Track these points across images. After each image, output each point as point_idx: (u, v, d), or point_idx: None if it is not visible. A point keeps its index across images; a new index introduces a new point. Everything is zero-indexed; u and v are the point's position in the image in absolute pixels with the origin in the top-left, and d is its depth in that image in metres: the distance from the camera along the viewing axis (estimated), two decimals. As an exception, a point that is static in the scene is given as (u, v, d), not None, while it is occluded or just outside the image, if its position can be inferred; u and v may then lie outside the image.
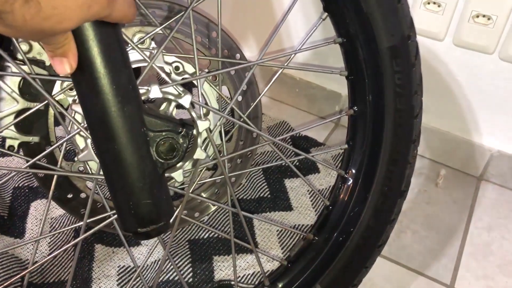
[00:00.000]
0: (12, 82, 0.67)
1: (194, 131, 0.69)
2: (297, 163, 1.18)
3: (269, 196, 1.10)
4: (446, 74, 1.15)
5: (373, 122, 0.76)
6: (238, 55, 0.80)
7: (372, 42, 0.71)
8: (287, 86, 1.38)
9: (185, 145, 0.60)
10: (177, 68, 0.75)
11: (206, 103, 0.78)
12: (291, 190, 1.13)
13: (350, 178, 0.80)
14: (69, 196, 0.79)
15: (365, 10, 0.69)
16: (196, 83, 0.71)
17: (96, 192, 0.69)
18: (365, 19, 0.69)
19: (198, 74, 0.70)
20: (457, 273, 1.00)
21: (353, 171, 0.80)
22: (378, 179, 0.77)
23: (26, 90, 0.68)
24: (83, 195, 0.80)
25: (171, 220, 0.60)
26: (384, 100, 0.74)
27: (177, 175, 0.67)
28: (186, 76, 0.74)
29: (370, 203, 0.78)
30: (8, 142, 0.69)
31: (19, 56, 0.67)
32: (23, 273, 0.69)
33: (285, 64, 0.75)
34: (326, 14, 0.73)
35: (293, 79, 1.36)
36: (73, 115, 0.69)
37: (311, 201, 1.10)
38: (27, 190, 1.04)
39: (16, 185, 1.04)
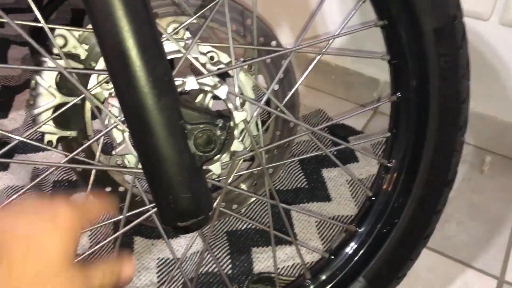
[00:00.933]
0: (49, 77, 0.67)
1: (231, 123, 0.67)
2: (335, 153, 1.15)
3: (306, 186, 1.08)
4: (491, 56, 1.09)
5: (418, 109, 0.72)
6: (274, 43, 0.78)
7: (415, 24, 0.67)
8: (323, 73, 1.35)
9: (222, 137, 0.58)
10: (212, 58, 0.73)
11: (242, 93, 0.76)
12: (329, 180, 1.10)
13: (393, 168, 0.77)
14: (108, 190, 0.79)
15: (409, -10, 0.65)
16: (232, 73, 0.69)
17: (135, 185, 0.69)
18: (408, 0, 0.66)
19: (233, 64, 0.68)
20: (507, 264, 0.96)
21: (397, 160, 0.76)
22: (423, 168, 0.74)
23: (63, 85, 0.68)
24: (121, 189, 0.80)
25: (210, 213, 0.59)
26: (429, 85, 0.70)
27: (215, 168, 0.66)
28: (222, 66, 0.72)
29: (415, 194, 0.75)
30: (47, 137, 0.69)
31: (55, 51, 0.67)
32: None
33: (324, 50, 0.72)
34: (366, -4, 0.69)
35: (329, 66, 1.33)
36: (109, 109, 0.68)
37: (350, 191, 1.08)
38: (66, 184, 1.05)
39: (56, 179, 1.05)
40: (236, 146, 0.68)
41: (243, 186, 0.84)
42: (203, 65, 0.72)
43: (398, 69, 0.73)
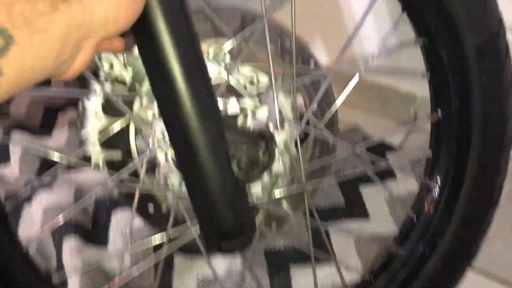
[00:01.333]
0: (96, 101, 0.69)
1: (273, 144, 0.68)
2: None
3: (344, 203, 1.07)
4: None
5: (460, 127, 0.71)
6: (312, 63, 0.78)
7: (456, 41, 0.66)
8: (358, 89, 1.33)
9: (264, 158, 0.59)
10: (252, 79, 0.75)
11: (282, 114, 0.77)
12: (368, 197, 1.09)
13: (435, 187, 0.76)
14: (151, 209, 0.81)
15: (448, 7, 0.65)
16: (272, 95, 0.70)
17: (178, 205, 0.70)
18: (448, 16, 0.65)
19: (274, 85, 0.69)
20: (556, 285, 0.92)
21: (438, 179, 0.75)
22: (466, 188, 0.72)
23: (108, 108, 0.70)
24: (164, 209, 0.81)
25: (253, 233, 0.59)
26: (472, 103, 0.69)
27: (256, 188, 0.67)
28: (262, 86, 0.74)
29: (458, 214, 0.73)
30: (94, 159, 0.72)
31: (102, 74, 0.70)
32: (110, 284, 0.72)
33: (362, 70, 0.73)
34: (404, 13, 0.69)
35: (364, 83, 1.32)
36: (153, 130, 0.70)
37: (389, 208, 1.06)
38: (108, 202, 1.08)
39: (98, 198, 1.08)
40: (277, 166, 0.69)
41: (283, 204, 0.84)
42: (244, 86, 0.73)
43: (439, 88, 0.72)
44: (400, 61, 1.22)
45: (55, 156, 0.69)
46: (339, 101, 0.75)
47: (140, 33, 0.50)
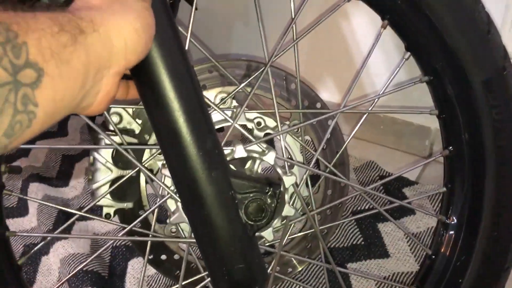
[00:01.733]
0: (106, 153, 0.70)
1: (281, 189, 0.68)
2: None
3: (362, 243, 1.05)
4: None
5: (473, 162, 0.70)
6: (319, 104, 0.79)
7: (462, 78, 0.66)
8: (371, 123, 1.34)
9: (273, 205, 0.58)
10: (259, 123, 0.75)
11: (290, 156, 0.77)
12: (386, 235, 1.06)
13: (452, 224, 0.74)
14: (163, 257, 0.80)
15: (451, 45, 0.65)
16: (279, 138, 0.70)
17: (190, 254, 0.70)
18: (452, 54, 0.65)
19: (280, 129, 0.69)
20: None
21: (455, 216, 0.73)
22: (485, 224, 0.70)
23: (118, 159, 0.71)
24: (176, 257, 0.81)
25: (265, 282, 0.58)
26: (483, 137, 0.68)
27: (267, 234, 0.66)
28: (269, 131, 0.74)
29: (479, 251, 0.71)
30: (105, 210, 0.72)
31: (111, 127, 0.71)
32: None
33: (369, 109, 0.72)
34: (408, 53, 0.70)
35: (377, 116, 1.32)
36: (163, 180, 0.70)
37: (409, 246, 1.03)
38: (124, 249, 1.08)
39: (114, 245, 1.08)
40: (288, 210, 0.68)
41: (295, 250, 0.83)
42: (250, 131, 0.74)
43: (448, 123, 0.71)
44: (411, 95, 1.22)
45: (71, 212, 0.70)
46: (348, 141, 0.75)
47: (146, 90, 0.51)
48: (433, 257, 0.76)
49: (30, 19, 0.35)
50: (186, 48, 0.64)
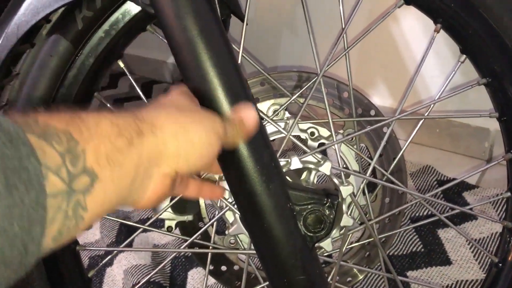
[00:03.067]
0: (166, 168, 0.73)
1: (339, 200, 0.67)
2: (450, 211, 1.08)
3: (422, 250, 1.03)
4: None
5: (539, 165, 0.67)
6: (372, 111, 0.78)
7: (524, 79, 0.64)
8: (427, 127, 1.30)
9: (331, 216, 0.58)
10: (312, 133, 0.75)
11: (345, 165, 0.77)
12: (447, 241, 1.03)
13: (519, 230, 0.71)
14: (223, 268, 0.82)
15: (510, 45, 0.63)
16: (334, 148, 0.70)
17: (249, 265, 0.71)
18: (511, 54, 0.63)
19: (335, 138, 0.69)
20: None
21: (522, 221, 0.70)
22: (555, 230, 0.67)
23: (178, 174, 0.74)
24: (236, 267, 0.82)
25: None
26: (548, 139, 0.65)
27: (326, 245, 0.66)
28: (322, 141, 0.74)
29: (550, 258, 0.68)
30: (167, 223, 0.74)
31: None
32: None
33: (426, 114, 0.71)
34: (464, 56, 0.68)
35: (432, 120, 1.29)
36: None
37: (472, 252, 1.00)
38: (183, 260, 1.11)
39: (174, 256, 1.11)
40: (346, 221, 0.68)
41: (353, 260, 0.82)
42: (304, 142, 0.74)
43: (510, 126, 0.69)
44: (467, 99, 1.18)
45: (133, 225, 0.73)
46: (405, 147, 0.74)
47: (201, 104, 0.53)
48: (500, 265, 0.73)
49: (93, 126, 0.36)
50: (239, 62, 0.65)
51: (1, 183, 0.29)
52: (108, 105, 0.68)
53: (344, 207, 0.69)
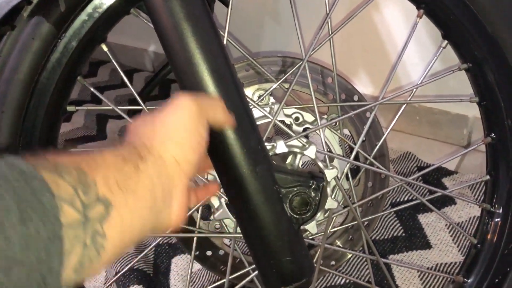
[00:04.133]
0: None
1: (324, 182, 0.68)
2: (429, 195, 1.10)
3: (403, 234, 1.05)
4: None
5: (517, 148, 0.69)
6: (356, 97, 0.79)
7: (504, 64, 0.65)
8: (407, 114, 1.32)
9: (317, 198, 0.59)
10: (297, 119, 0.76)
11: (329, 150, 0.78)
12: (427, 226, 1.06)
13: (497, 212, 0.73)
14: (208, 253, 0.82)
15: (492, 32, 0.64)
16: (318, 132, 0.70)
17: (235, 249, 0.71)
18: (493, 41, 0.64)
19: (319, 123, 0.69)
20: None
21: (501, 203, 0.72)
22: (532, 211, 0.69)
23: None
24: (221, 252, 0.83)
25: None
26: (527, 122, 0.67)
27: (311, 227, 0.67)
28: (307, 125, 0.75)
29: (527, 238, 0.70)
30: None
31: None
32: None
33: (408, 99, 0.72)
34: (446, 41, 0.69)
35: (412, 107, 1.30)
36: (206, 177, 0.72)
37: (451, 236, 1.02)
38: (167, 247, 1.10)
39: (158, 243, 1.11)
40: (330, 203, 0.69)
41: (338, 242, 0.83)
42: (289, 126, 0.75)
43: (490, 110, 0.71)
44: (447, 84, 1.20)
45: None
46: (387, 132, 0.75)
47: (187, 87, 0.53)
48: (479, 246, 0.75)
49: (99, 158, 0.38)
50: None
51: (16, 216, 0.30)
52: (92, 89, 0.67)
53: (329, 191, 0.70)
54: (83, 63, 0.67)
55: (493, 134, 0.72)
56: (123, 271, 0.86)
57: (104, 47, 0.68)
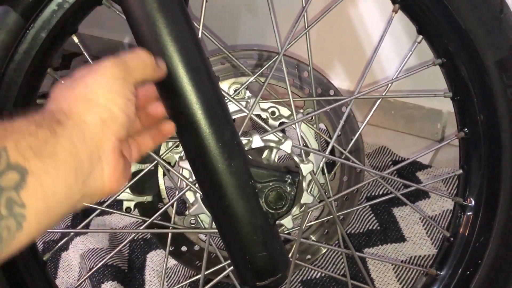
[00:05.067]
0: (124, 148, 0.71)
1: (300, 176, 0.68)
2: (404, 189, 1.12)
3: (378, 228, 1.06)
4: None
5: (489, 142, 0.70)
6: (332, 91, 0.79)
7: (476, 59, 0.66)
8: (382, 109, 1.34)
9: (293, 192, 0.59)
10: (273, 113, 0.75)
11: (305, 144, 0.77)
12: (401, 219, 1.07)
13: (469, 206, 0.74)
14: (183, 249, 0.81)
15: (464, 27, 0.65)
16: (294, 127, 0.70)
17: (210, 244, 0.71)
18: (465, 35, 0.65)
19: (295, 117, 0.69)
20: None
21: (473, 197, 0.73)
22: (503, 204, 0.70)
23: (136, 153, 0.72)
24: (196, 247, 0.82)
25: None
26: (498, 117, 0.68)
27: (287, 222, 0.67)
28: (283, 120, 0.74)
29: (497, 231, 0.71)
30: (125, 204, 0.73)
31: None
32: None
33: (383, 94, 0.73)
34: (420, 36, 0.70)
35: (387, 101, 1.32)
36: (181, 172, 0.71)
37: (425, 229, 1.04)
38: (142, 242, 1.09)
39: (132, 239, 1.09)
40: (306, 198, 0.69)
41: (313, 237, 0.84)
42: (265, 121, 0.74)
43: (463, 105, 0.72)
44: (422, 79, 1.21)
45: (91, 206, 0.71)
46: (363, 126, 0.75)
47: (164, 83, 0.52)
48: (451, 239, 0.76)
49: (8, 125, 0.36)
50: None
51: None
52: (62, 82, 0.65)
53: (304, 185, 0.70)
54: (53, 55, 0.65)
55: (466, 129, 0.73)
56: (97, 267, 0.85)
57: (75, 38, 0.66)
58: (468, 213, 0.74)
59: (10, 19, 0.58)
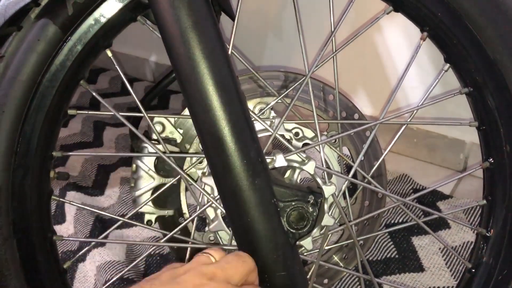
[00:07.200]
0: (149, 161, 0.72)
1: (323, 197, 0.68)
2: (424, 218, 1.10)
3: (396, 256, 1.04)
4: None
5: (515, 174, 0.69)
6: (356, 115, 0.79)
7: (504, 89, 0.66)
8: (405, 136, 1.33)
9: (314, 213, 0.59)
10: (297, 134, 0.76)
11: (328, 167, 0.77)
12: (421, 248, 1.05)
13: (493, 237, 0.72)
14: (201, 265, 0.81)
15: (493, 57, 0.65)
16: (318, 149, 0.70)
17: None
18: (494, 65, 0.65)
19: (319, 139, 0.69)
20: None
21: (496, 228, 0.72)
22: (527, 237, 0.69)
23: (160, 167, 0.73)
24: (214, 265, 0.82)
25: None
26: (525, 148, 0.67)
27: (307, 243, 0.66)
28: (306, 141, 0.75)
29: (522, 264, 0.69)
30: (147, 217, 0.74)
31: (154, 136, 0.73)
32: None
33: (408, 120, 0.73)
34: (448, 65, 0.70)
35: (410, 129, 1.31)
36: (203, 187, 0.72)
37: (445, 260, 1.02)
38: (158, 258, 1.09)
39: (149, 253, 1.10)
40: (327, 220, 0.69)
41: (333, 259, 0.83)
42: (289, 141, 0.75)
43: (489, 135, 0.71)
44: (446, 108, 1.21)
45: (112, 217, 0.71)
46: (387, 151, 0.75)
47: (193, 101, 0.53)
48: (473, 270, 0.75)
49: None
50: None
51: None
52: (94, 93, 0.67)
53: (326, 207, 0.69)
54: (86, 67, 0.67)
55: (491, 159, 0.72)
56: (113, 280, 0.85)
57: (108, 52, 0.68)
58: (491, 245, 0.72)
59: (49, 31, 0.61)
